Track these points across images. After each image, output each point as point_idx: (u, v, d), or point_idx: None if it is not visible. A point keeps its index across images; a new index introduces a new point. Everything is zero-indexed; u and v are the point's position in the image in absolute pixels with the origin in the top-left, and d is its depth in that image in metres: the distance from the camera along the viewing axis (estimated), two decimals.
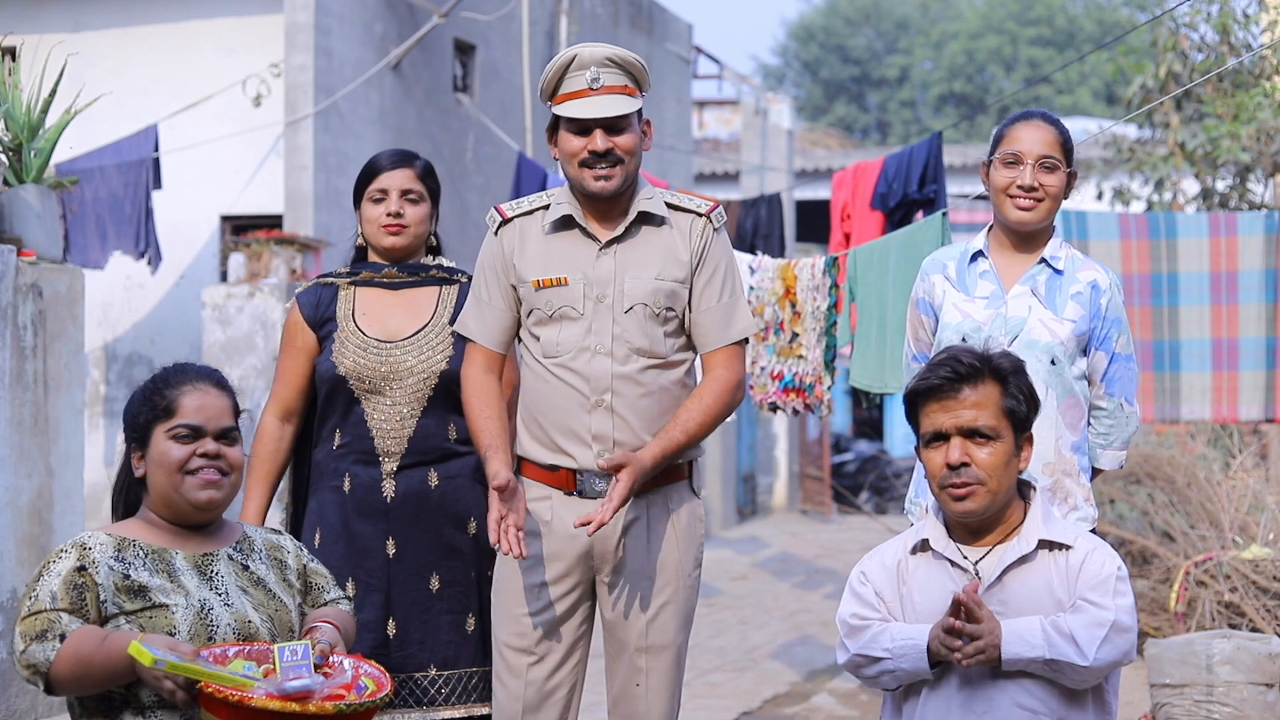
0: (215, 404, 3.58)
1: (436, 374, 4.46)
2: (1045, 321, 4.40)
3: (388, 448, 4.45)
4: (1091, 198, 13.31)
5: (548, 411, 4.19)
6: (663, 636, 4.25)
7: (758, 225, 10.86)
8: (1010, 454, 3.58)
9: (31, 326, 7.44)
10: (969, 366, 3.58)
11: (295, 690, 3.26)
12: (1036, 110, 4.59)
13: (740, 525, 18.93)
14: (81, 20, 12.05)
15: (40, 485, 7.46)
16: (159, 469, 3.54)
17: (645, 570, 4.22)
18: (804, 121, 36.73)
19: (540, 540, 4.22)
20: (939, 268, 4.60)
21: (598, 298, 4.18)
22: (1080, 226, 8.82)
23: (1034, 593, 3.54)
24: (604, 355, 4.16)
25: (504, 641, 4.25)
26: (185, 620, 3.40)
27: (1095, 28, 40.03)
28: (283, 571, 3.68)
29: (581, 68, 4.14)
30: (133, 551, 3.49)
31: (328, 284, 4.63)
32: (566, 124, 4.17)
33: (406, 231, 4.56)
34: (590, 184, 4.16)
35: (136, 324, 12.07)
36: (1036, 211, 4.43)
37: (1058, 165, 4.44)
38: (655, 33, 16.75)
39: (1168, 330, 8.61)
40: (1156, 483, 9.22)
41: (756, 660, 9.69)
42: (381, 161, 4.61)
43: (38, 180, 7.74)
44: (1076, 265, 4.49)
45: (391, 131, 12.01)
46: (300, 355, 4.56)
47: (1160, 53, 11.22)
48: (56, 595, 3.37)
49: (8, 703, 7.20)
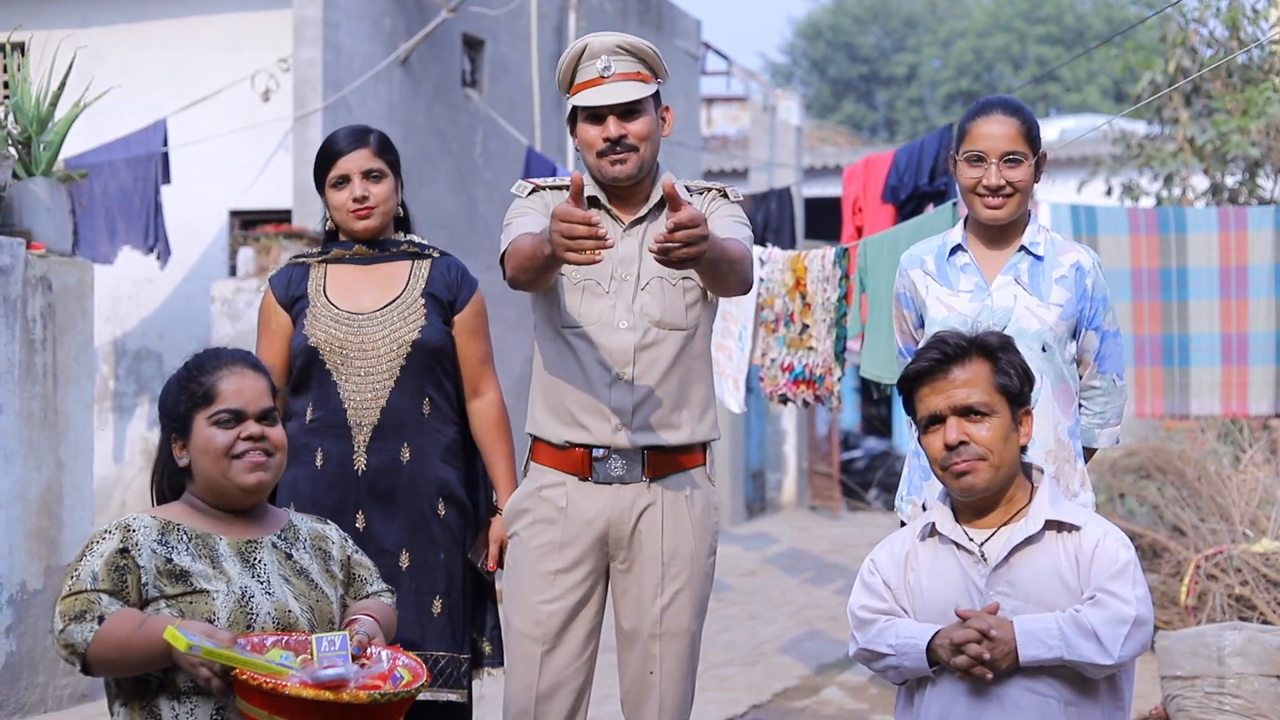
0: (253, 386, 3.58)
1: (409, 343, 4.46)
2: (1032, 309, 4.38)
3: (360, 419, 4.44)
4: (1100, 194, 13.30)
5: (566, 385, 4.20)
6: (677, 623, 4.25)
7: (768, 219, 10.87)
8: (1008, 428, 3.59)
9: (41, 319, 7.44)
10: (955, 347, 3.61)
11: (330, 679, 3.24)
12: (996, 99, 4.52)
13: (749, 521, 18.92)
14: (89, 15, 12.06)
15: (49, 479, 7.46)
16: (205, 456, 3.53)
17: (660, 556, 4.22)
18: (812, 119, 36.73)
19: (555, 527, 4.21)
20: (917, 263, 4.57)
21: (621, 276, 4.20)
22: (1090, 221, 8.81)
23: (1041, 574, 3.53)
24: (626, 330, 4.18)
25: (519, 629, 4.25)
26: (225, 607, 3.40)
27: (1104, 26, 39.96)
28: (326, 562, 3.67)
29: (593, 57, 4.15)
30: (176, 535, 3.48)
31: (299, 264, 4.64)
32: (582, 113, 4.18)
33: (375, 212, 4.55)
34: (607, 170, 4.18)
35: (145, 319, 12.08)
36: (1006, 208, 4.40)
37: (1023, 159, 4.38)
38: (663, 28, 16.74)
39: (1177, 325, 8.60)
40: (1167, 477, 9.20)
41: (766, 654, 9.68)
42: (339, 144, 4.57)
43: (47, 173, 7.74)
44: (1057, 249, 4.47)
45: (400, 126, 12.00)
46: (276, 337, 4.56)
47: (1169, 48, 11.19)
48: (98, 576, 3.36)
49: (17, 695, 7.20)
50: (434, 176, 12.53)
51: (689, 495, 4.26)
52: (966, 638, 3.44)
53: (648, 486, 4.19)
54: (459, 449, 4.57)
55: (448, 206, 12.71)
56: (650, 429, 4.19)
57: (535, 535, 4.25)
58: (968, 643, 3.44)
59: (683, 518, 4.24)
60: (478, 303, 4.62)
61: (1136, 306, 8.73)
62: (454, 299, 4.57)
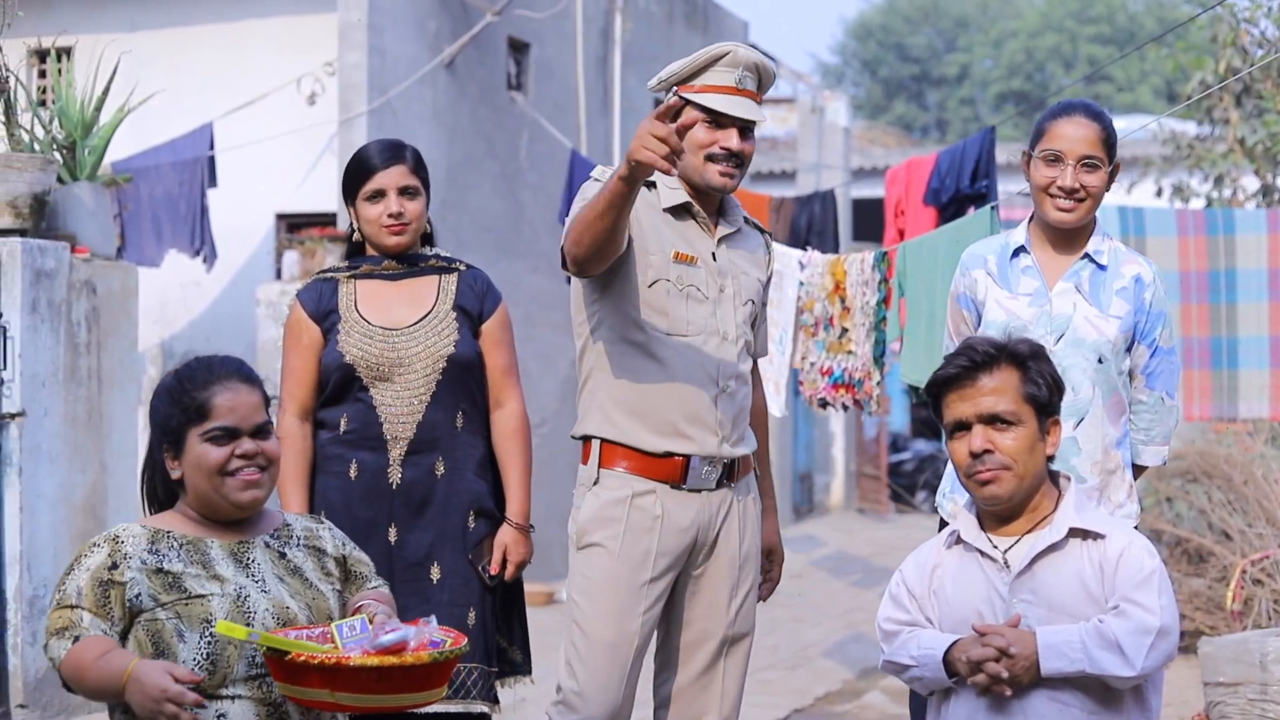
0: (247, 400, 3.52)
1: (444, 357, 4.46)
2: (1091, 319, 4.33)
3: (396, 433, 4.45)
4: (1150, 194, 13.21)
5: (668, 394, 4.13)
6: (746, 624, 4.33)
7: (811, 222, 10.84)
8: (1034, 438, 3.56)
9: (85, 323, 7.49)
10: (984, 354, 3.58)
11: (390, 643, 3.24)
12: (1079, 102, 4.47)
13: (796, 524, 18.87)
14: (138, 20, 12.14)
15: (94, 480, 7.51)
16: (198, 472, 3.49)
17: (736, 559, 4.26)
18: (863, 120, 36.61)
19: (650, 535, 4.14)
20: (980, 262, 4.52)
21: (720, 287, 4.21)
22: (1138, 223, 8.75)
23: (1065, 582, 3.50)
24: (730, 342, 4.19)
25: (605, 640, 4.13)
26: (222, 608, 3.39)
27: (1156, 25, 39.71)
28: (320, 559, 3.65)
29: (734, 65, 4.11)
30: (167, 543, 3.48)
31: (327, 279, 4.63)
32: (705, 115, 4.10)
33: (409, 229, 4.55)
34: (715, 179, 4.16)
35: (192, 322, 12.15)
36: (1077, 212, 4.35)
37: (1100, 164, 4.34)
38: (710, 31, 16.71)
39: (1225, 327, 8.53)
40: (1214, 481, 9.13)
41: (809, 658, 9.65)
42: (374, 159, 4.54)
43: (91, 178, 7.80)
44: (1120, 259, 4.41)
45: (445, 129, 12.03)
46: (308, 352, 4.55)
47: (1220, 49, 11.11)
48: (82, 592, 3.37)
49: (61, 697, 7.25)
50: (479, 180, 12.55)
51: (753, 498, 4.34)
52: (984, 656, 3.42)
53: (730, 491, 4.23)
54: (490, 462, 4.58)
55: (493, 210, 12.73)
56: (741, 440, 4.25)
57: (629, 545, 4.14)
58: (985, 661, 3.41)
59: (750, 521, 4.31)
60: (502, 314, 4.62)
61: (1185, 309, 8.66)
62: (480, 310, 4.57)
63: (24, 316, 7.11)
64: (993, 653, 3.41)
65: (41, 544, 7.18)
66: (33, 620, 7.08)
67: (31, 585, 7.09)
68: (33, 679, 7.08)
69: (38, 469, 7.17)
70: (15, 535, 7.06)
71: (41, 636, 6.99)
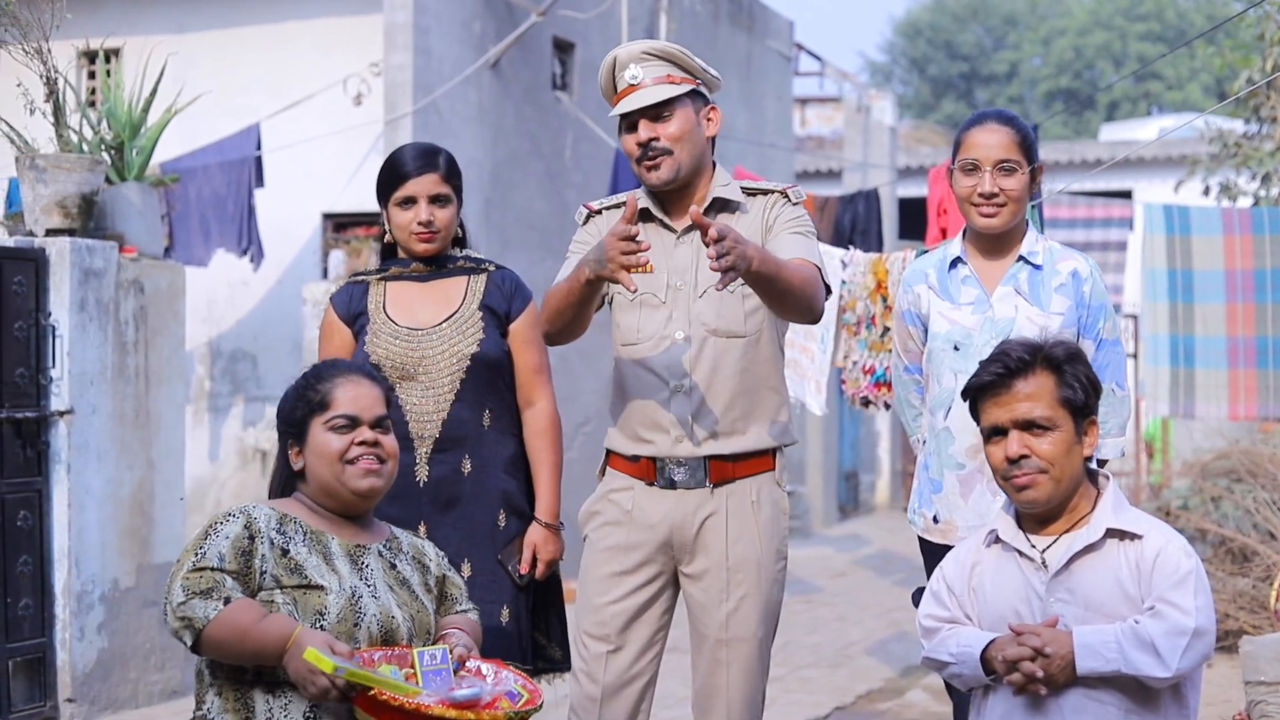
0: (369, 394, 3.67)
1: (468, 356, 4.49)
2: (1034, 319, 4.38)
3: (422, 432, 4.47)
4: (1198, 193, 13.14)
5: (630, 401, 4.28)
6: (743, 630, 4.26)
7: (855, 221, 10.83)
8: (1070, 441, 3.56)
9: (133, 322, 7.57)
10: (1018, 360, 3.59)
11: (466, 699, 3.33)
12: (991, 110, 4.57)
13: (841, 523, 18.86)
14: (185, 22, 12.23)
15: (141, 478, 7.59)
16: (319, 460, 3.61)
17: (725, 562, 4.24)
18: (911, 119, 36.52)
19: (621, 529, 4.28)
20: (921, 278, 4.60)
21: (676, 285, 4.24)
22: (1183, 222, 8.73)
23: (1102, 582, 3.51)
24: (682, 341, 4.21)
25: (584, 629, 4.31)
26: (336, 604, 3.45)
27: (1205, 23, 39.47)
28: (424, 575, 3.74)
29: (622, 67, 4.21)
30: (294, 527, 3.56)
31: (358, 282, 4.68)
32: (622, 124, 4.24)
33: (438, 237, 4.57)
34: (645, 176, 4.23)
35: (240, 321, 12.24)
36: (1000, 216, 4.42)
37: (1016, 167, 4.41)
38: (755, 30, 16.72)
39: (1272, 326, 8.50)
40: (1259, 480, 9.09)
41: (852, 656, 9.66)
42: (407, 166, 4.55)
43: (139, 178, 7.88)
44: (1055, 257, 4.49)
45: (490, 129, 12.08)
46: (339, 353, 4.58)
47: (1267, 46, 11.05)
48: (225, 556, 3.41)
49: (109, 691, 7.33)
50: (524, 179, 12.60)
51: (755, 501, 4.27)
52: (1020, 655, 3.43)
53: (711, 493, 4.21)
54: (520, 460, 4.60)
55: (538, 209, 12.77)
56: (714, 437, 4.21)
57: (603, 537, 4.32)
58: (1021, 660, 3.43)
59: (748, 524, 4.25)
60: (531, 313, 4.63)
61: (1230, 308, 8.63)
62: (509, 310, 4.60)
63: (72, 315, 7.19)
64: (1028, 652, 3.43)
65: (89, 540, 7.26)
66: (80, 615, 7.16)
67: (80, 581, 7.18)
68: (80, 673, 7.17)
69: (86, 466, 7.26)
70: (64, 531, 7.14)
71: (89, 632, 7.08)
